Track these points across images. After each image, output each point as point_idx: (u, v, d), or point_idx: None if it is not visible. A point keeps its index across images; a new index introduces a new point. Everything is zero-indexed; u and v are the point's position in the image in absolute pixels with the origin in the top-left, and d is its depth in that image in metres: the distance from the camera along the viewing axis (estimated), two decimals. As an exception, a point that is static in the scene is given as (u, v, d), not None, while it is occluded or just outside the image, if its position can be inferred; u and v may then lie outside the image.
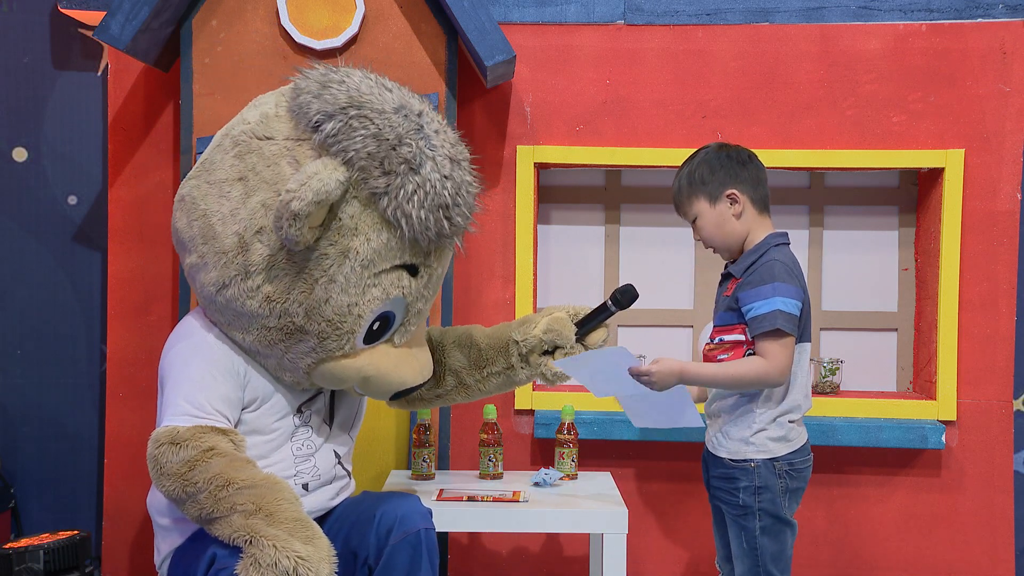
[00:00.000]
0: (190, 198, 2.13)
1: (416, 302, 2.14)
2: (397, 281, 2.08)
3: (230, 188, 2.07)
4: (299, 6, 2.86)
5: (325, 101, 2.01)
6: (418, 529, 2.15)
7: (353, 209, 2.01)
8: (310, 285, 2.03)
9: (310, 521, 1.95)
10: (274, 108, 2.11)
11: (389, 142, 1.98)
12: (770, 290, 2.32)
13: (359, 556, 2.17)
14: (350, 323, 2.07)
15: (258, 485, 1.95)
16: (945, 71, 3.05)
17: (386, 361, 2.15)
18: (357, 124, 1.98)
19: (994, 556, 3.08)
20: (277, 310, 2.05)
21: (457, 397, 2.44)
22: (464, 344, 2.41)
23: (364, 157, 1.98)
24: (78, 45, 3.19)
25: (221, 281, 2.07)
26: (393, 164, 1.98)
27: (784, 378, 2.35)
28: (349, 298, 2.04)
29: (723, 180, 2.42)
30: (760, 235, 2.43)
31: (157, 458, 1.99)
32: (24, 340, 3.23)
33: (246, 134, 2.10)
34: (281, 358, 2.12)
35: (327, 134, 1.99)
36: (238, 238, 2.05)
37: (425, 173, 2.00)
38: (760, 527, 2.38)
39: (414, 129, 2.02)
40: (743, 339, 2.38)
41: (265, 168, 2.05)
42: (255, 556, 1.87)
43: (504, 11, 3.08)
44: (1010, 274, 3.06)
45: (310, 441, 2.22)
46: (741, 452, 2.39)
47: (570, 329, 2.33)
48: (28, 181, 3.21)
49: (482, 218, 3.10)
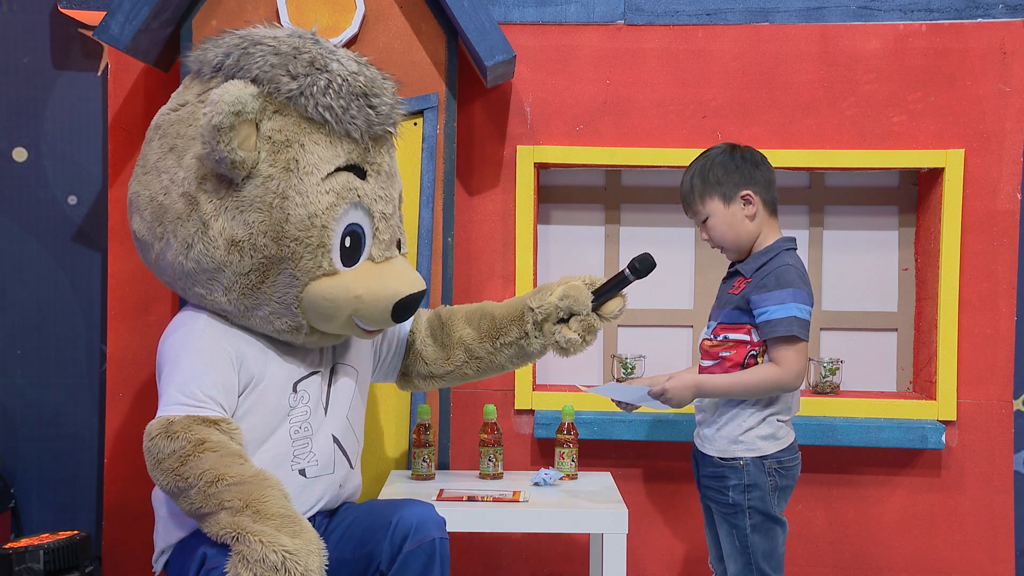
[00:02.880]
0: (134, 195, 2.24)
1: (375, 204, 2.17)
2: (348, 184, 2.13)
3: (164, 163, 2.17)
4: (299, 6, 2.86)
5: (218, 44, 2.15)
6: (433, 538, 2.14)
7: (277, 123, 2.08)
8: (266, 211, 2.08)
9: (298, 515, 1.96)
10: (181, 86, 2.27)
11: (288, 53, 2.09)
12: (787, 295, 2.34)
13: (373, 561, 2.17)
14: (316, 235, 2.10)
15: (246, 482, 1.95)
16: (945, 71, 3.05)
17: (372, 277, 2.17)
18: (254, 50, 2.10)
19: (994, 556, 3.08)
20: (246, 249, 2.10)
21: (468, 371, 2.45)
22: (475, 317, 2.43)
23: (268, 69, 2.07)
24: (78, 45, 3.19)
25: (185, 243, 2.13)
26: (299, 68, 2.08)
27: (799, 383, 2.37)
28: (306, 209, 2.09)
29: (738, 181, 2.43)
30: (770, 237, 2.45)
31: (151, 451, 2.01)
32: (24, 340, 3.23)
33: (162, 115, 2.25)
34: (269, 302, 2.14)
35: (229, 67, 2.10)
36: (186, 198, 2.12)
37: (334, 69, 2.10)
38: (751, 525, 2.39)
39: (311, 42, 2.13)
40: (748, 339, 2.39)
41: (187, 128, 2.16)
42: (243, 553, 1.87)
43: (504, 11, 3.08)
44: (1010, 274, 3.06)
45: (307, 423, 2.22)
46: (730, 451, 2.40)
47: (587, 296, 2.34)
48: (28, 181, 3.21)
49: (482, 218, 3.11)
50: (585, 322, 2.34)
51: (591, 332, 2.36)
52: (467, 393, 3.10)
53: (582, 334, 2.35)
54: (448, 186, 2.94)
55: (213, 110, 1.99)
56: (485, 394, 3.10)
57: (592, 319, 2.35)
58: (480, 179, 3.11)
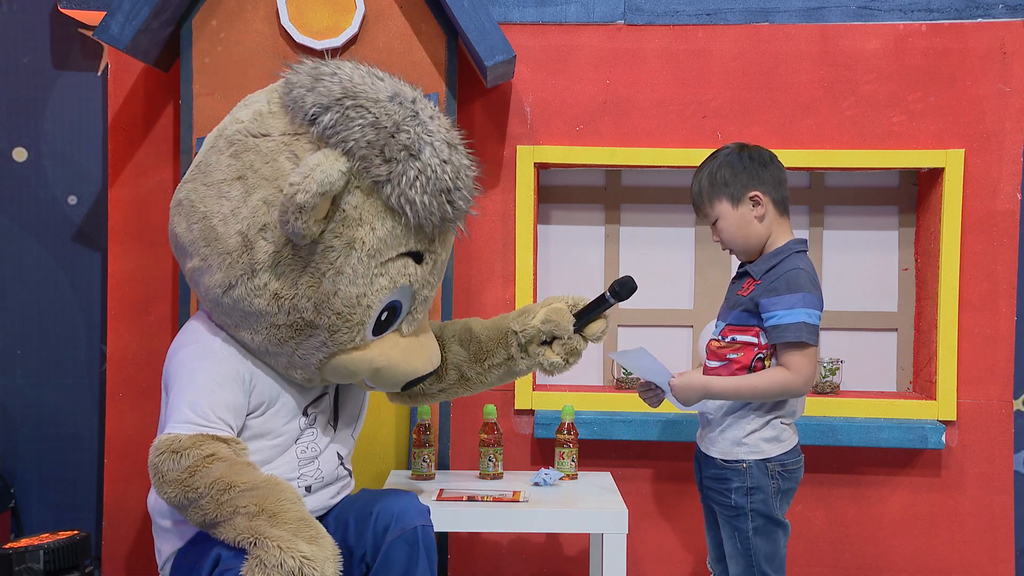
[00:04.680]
0: (188, 201, 2.13)
1: (422, 289, 2.15)
2: (403, 269, 2.09)
3: (229, 188, 2.07)
4: (299, 6, 2.86)
5: (319, 94, 2.01)
6: (415, 526, 2.16)
7: (356, 199, 2.01)
8: (317, 279, 2.03)
9: (314, 521, 1.95)
10: (267, 105, 2.11)
11: (387, 130, 1.99)
12: (797, 300, 2.32)
13: (356, 553, 2.18)
14: (359, 314, 2.07)
15: (260, 487, 1.95)
16: (945, 71, 3.04)
17: (396, 351, 2.16)
18: (354, 114, 1.99)
19: (994, 556, 3.08)
20: (286, 306, 2.05)
21: (459, 391, 2.44)
22: (464, 338, 2.41)
23: (364, 146, 1.98)
24: (78, 45, 3.19)
25: (227, 282, 2.07)
26: (393, 151, 1.99)
27: (808, 388, 2.36)
28: (357, 289, 2.05)
29: (746, 182, 2.40)
30: (781, 238, 2.42)
31: (158, 466, 1.99)
32: (24, 340, 3.23)
33: (240, 133, 2.09)
34: (292, 355, 2.11)
35: (325, 126, 1.99)
36: (241, 237, 2.05)
37: (425, 158, 2.01)
38: (753, 528, 2.38)
39: (410, 116, 2.02)
40: (756, 342, 2.37)
41: (264, 165, 2.05)
42: (260, 557, 1.87)
43: (504, 11, 3.08)
44: (1010, 274, 3.06)
45: (315, 444, 2.22)
46: (733, 453, 2.40)
47: (568, 320, 2.33)
48: (28, 181, 3.21)
49: (482, 218, 3.11)
50: (567, 345, 2.33)
51: (574, 355, 2.35)
52: (467, 393, 3.10)
53: (565, 357, 2.34)
54: (448, 186, 2.93)
55: (301, 187, 1.90)
56: (485, 394, 3.08)
57: (575, 341, 2.33)
58: (480, 179, 3.10)
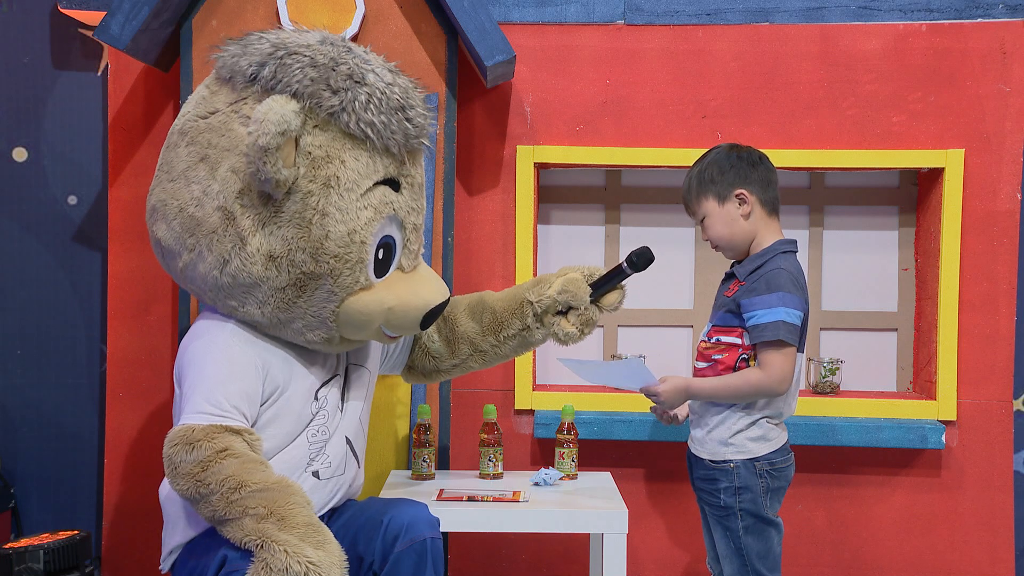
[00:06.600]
0: (160, 203, 2.18)
1: (409, 216, 2.18)
2: (384, 198, 2.12)
3: (194, 172, 2.12)
4: (299, 6, 2.86)
5: (251, 54, 2.08)
6: (424, 537, 2.15)
7: (318, 139, 2.05)
8: (305, 228, 2.06)
9: (322, 526, 1.96)
10: (206, 89, 2.19)
11: (326, 66, 2.05)
12: (775, 299, 2.33)
13: (365, 561, 2.18)
14: (356, 251, 2.10)
15: (270, 488, 1.95)
16: (945, 71, 3.05)
17: (403, 287, 2.18)
18: (290, 60, 2.05)
19: (994, 556, 3.08)
20: (284, 265, 2.08)
21: (474, 364, 2.47)
22: (476, 311, 2.44)
23: (308, 84, 2.03)
24: (78, 45, 3.19)
25: (221, 259, 2.10)
26: (339, 82, 2.04)
27: (785, 387, 2.36)
28: (346, 226, 2.08)
29: (732, 180, 2.43)
30: (768, 238, 2.44)
31: (171, 458, 2.00)
32: (24, 340, 3.23)
33: (190, 122, 2.16)
34: (304, 315, 2.13)
35: (266, 79, 2.05)
36: (222, 212, 2.09)
37: (371, 82, 2.07)
38: (743, 527, 2.39)
39: (344, 50, 2.09)
40: (739, 343, 2.40)
41: (220, 138, 2.10)
42: (266, 561, 1.88)
43: (504, 11, 3.08)
44: (1010, 274, 3.06)
45: (324, 427, 2.23)
46: (720, 453, 2.41)
47: (585, 290, 2.35)
48: (28, 181, 3.20)
49: (482, 218, 3.11)
50: (583, 316, 2.36)
51: (589, 325, 2.38)
52: (467, 393, 3.10)
53: (580, 327, 2.37)
54: (448, 186, 2.94)
55: (259, 130, 1.95)
56: (485, 394, 3.10)
57: (591, 312, 2.37)
58: (480, 179, 3.11)
